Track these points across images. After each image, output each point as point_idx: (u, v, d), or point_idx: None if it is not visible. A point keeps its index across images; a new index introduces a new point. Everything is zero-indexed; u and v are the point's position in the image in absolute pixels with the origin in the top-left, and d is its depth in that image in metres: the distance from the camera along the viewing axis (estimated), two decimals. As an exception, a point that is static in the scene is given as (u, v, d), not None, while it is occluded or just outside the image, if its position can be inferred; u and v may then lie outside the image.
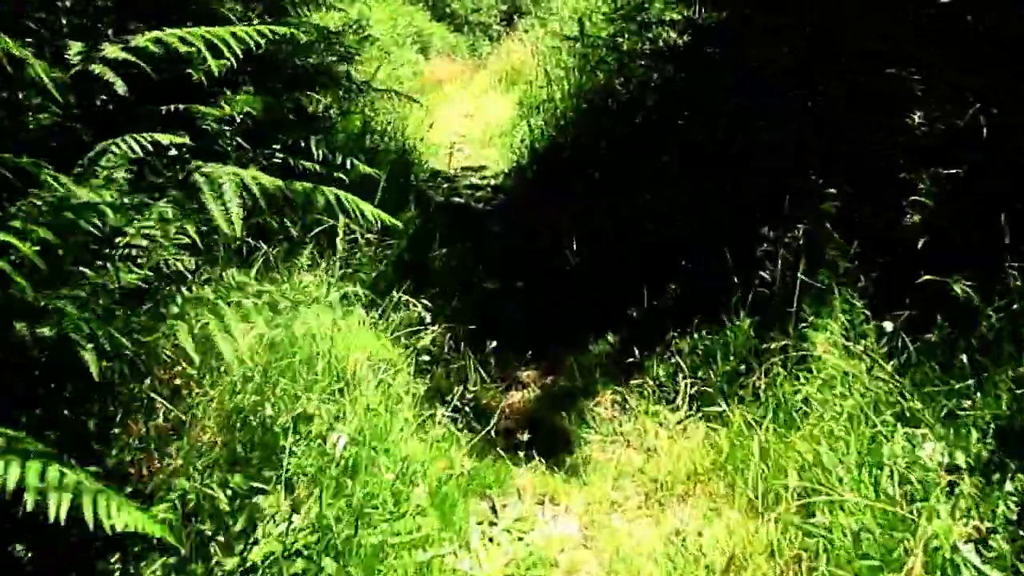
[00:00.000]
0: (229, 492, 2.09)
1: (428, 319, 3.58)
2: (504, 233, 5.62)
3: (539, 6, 22.30)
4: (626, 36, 6.44)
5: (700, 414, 3.20)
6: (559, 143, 6.79)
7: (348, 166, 3.87)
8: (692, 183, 4.44)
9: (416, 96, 12.24)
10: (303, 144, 3.75)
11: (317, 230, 3.59)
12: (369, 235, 4.00)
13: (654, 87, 6.10)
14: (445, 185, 6.70)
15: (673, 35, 6.28)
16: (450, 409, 3.14)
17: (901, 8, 3.86)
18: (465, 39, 24.87)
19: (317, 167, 3.77)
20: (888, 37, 3.73)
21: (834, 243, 3.25)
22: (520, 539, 2.66)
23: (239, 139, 3.51)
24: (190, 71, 2.92)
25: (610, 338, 4.10)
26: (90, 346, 1.77)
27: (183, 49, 2.29)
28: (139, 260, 2.08)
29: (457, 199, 6.59)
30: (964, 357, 2.63)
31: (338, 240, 3.50)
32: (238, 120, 3.44)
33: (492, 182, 7.09)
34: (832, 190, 3.56)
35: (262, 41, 2.42)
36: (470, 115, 11.42)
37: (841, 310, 2.98)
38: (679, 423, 3.20)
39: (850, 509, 2.19)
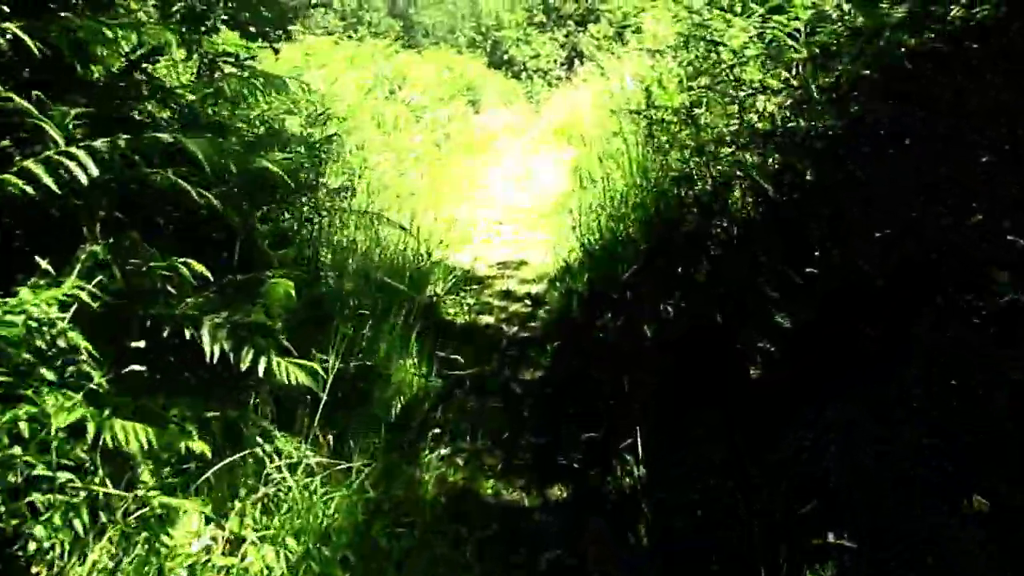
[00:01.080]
0: None
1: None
2: (534, 393, 3.98)
3: (602, 50, 20.90)
4: (706, 106, 4.80)
5: None
6: (618, 243, 5.17)
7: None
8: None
9: (462, 155, 10.86)
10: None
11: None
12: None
13: (746, 179, 4.44)
14: (470, 301, 5.11)
15: (771, 106, 4.65)
16: None
17: None
18: (522, 86, 23.54)
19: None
20: None
21: None
22: None
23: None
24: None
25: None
26: None
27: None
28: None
29: (485, 317, 5.00)
30: None
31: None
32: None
33: (533, 288, 5.48)
34: None
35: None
36: (520, 178, 9.88)
37: None
38: None
39: None
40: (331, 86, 5.81)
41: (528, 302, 5.21)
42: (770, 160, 4.02)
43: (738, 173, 4.61)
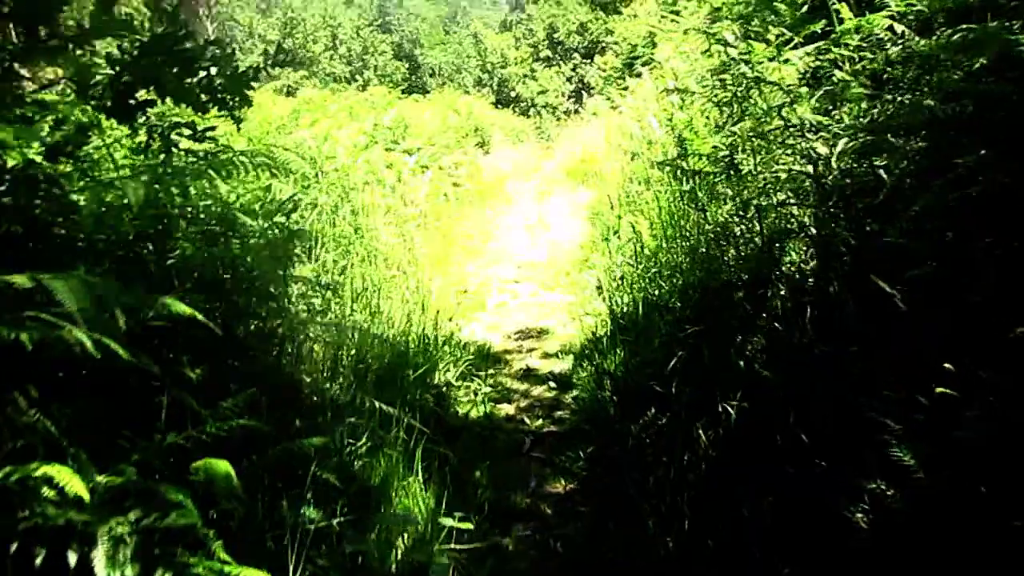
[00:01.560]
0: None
1: None
2: (566, 514, 3.24)
3: (610, 83, 20.34)
4: (752, 152, 4.10)
5: None
6: (651, 309, 4.45)
7: None
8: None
9: (472, 204, 10.22)
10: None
11: None
12: None
13: (806, 239, 3.75)
14: (486, 389, 4.38)
15: (823, 150, 3.97)
16: None
17: None
18: (531, 122, 23.02)
19: None
20: None
21: None
22: None
23: None
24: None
25: None
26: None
27: None
28: None
29: (504, 407, 4.28)
30: None
31: None
32: None
33: (557, 366, 4.75)
34: None
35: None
36: (534, 227, 9.19)
37: None
38: None
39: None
40: (323, 144, 5.20)
41: (552, 384, 4.48)
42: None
43: (794, 229, 3.92)
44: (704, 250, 4.40)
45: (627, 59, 19.11)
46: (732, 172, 4.19)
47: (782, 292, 3.76)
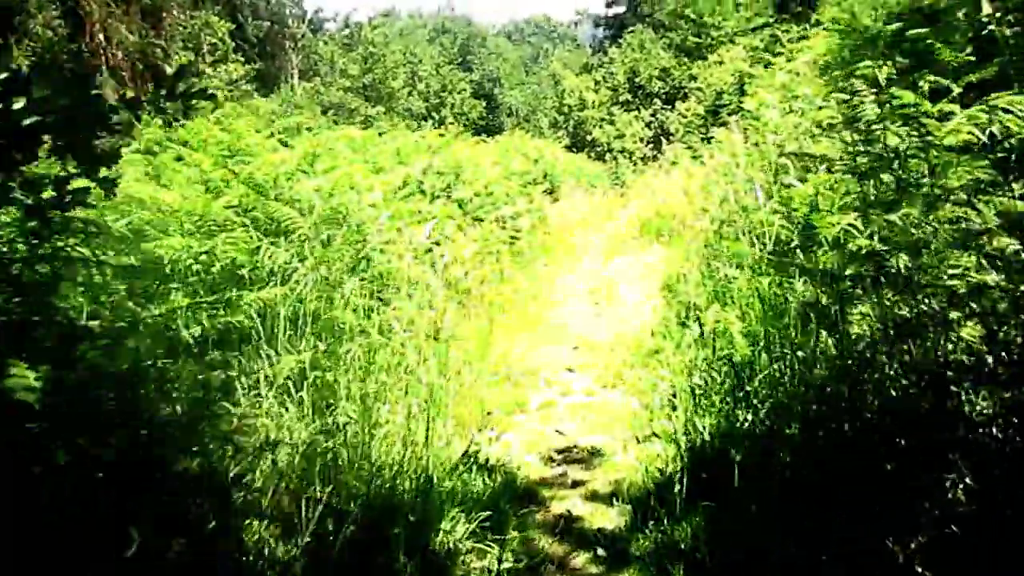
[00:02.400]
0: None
1: None
2: None
3: (692, 131, 18.98)
4: (911, 250, 2.76)
5: None
6: (739, 443, 3.12)
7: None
8: None
9: (530, 260, 9.00)
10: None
11: None
12: None
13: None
14: (507, 557, 3.07)
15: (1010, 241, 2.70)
16: None
17: None
18: (606, 168, 21.77)
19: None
20: None
21: None
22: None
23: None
24: None
25: None
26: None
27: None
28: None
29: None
30: None
31: None
32: None
33: (609, 521, 3.42)
34: None
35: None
36: (598, 291, 7.89)
37: None
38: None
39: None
40: (330, 197, 4.04)
41: (601, 551, 3.15)
42: None
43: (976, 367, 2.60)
44: (829, 381, 3.05)
45: (711, 106, 17.75)
46: (881, 277, 2.84)
47: (958, 459, 2.44)
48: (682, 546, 2.94)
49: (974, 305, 2.61)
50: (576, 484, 3.78)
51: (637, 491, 3.53)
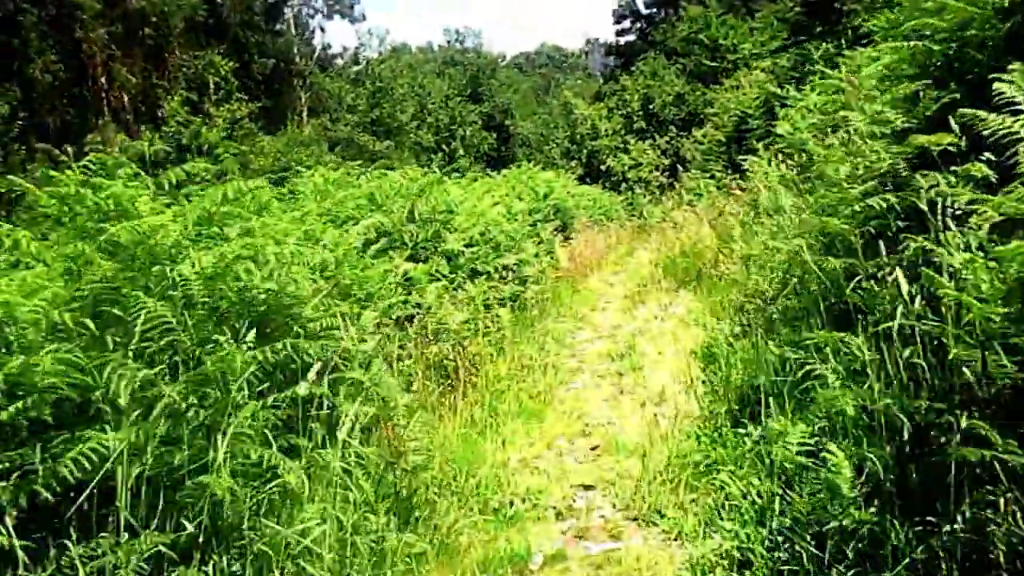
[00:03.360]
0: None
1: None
2: None
3: (712, 159, 17.61)
4: None
5: None
6: None
7: None
8: None
9: (535, 316, 7.60)
10: None
11: None
12: None
13: None
14: None
15: None
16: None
17: None
18: (622, 199, 20.43)
19: None
20: None
21: None
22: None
23: None
24: None
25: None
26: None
27: None
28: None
29: None
30: None
31: None
32: None
33: None
34: None
35: None
36: (618, 355, 6.47)
37: None
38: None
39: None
40: (225, 274, 2.71)
41: None
42: None
43: None
44: None
45: (732, 132, 16.35)
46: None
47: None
48: None
49: None
50: None
51: None
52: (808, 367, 3.09)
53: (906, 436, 2.32)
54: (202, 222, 3.16)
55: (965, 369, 2.06)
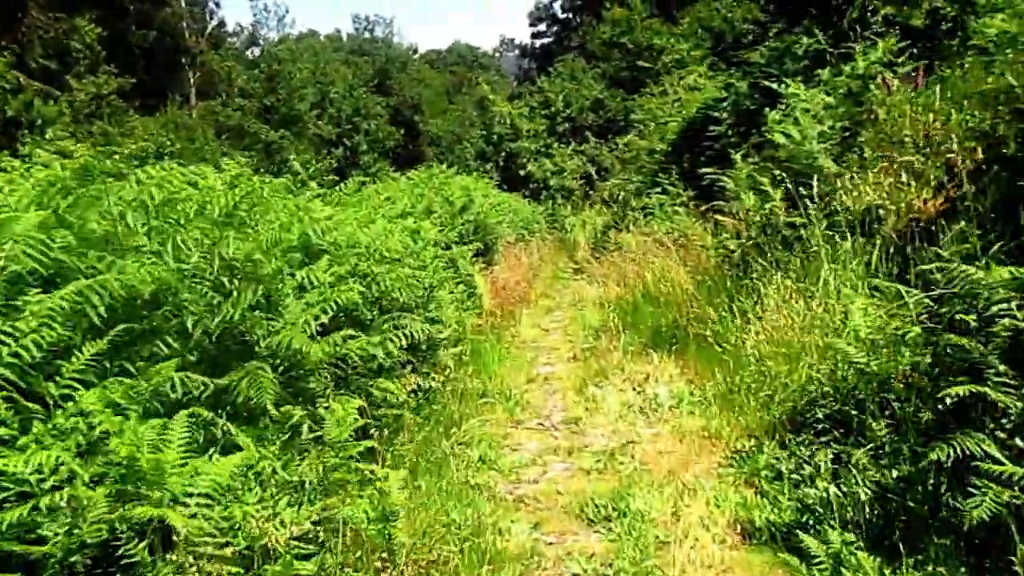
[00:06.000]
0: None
1: None
2: None
3: (652, 166, 15.01)
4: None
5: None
6: None
7: None
8: None
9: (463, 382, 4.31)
10: None
11: None
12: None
13: None
14: None
15: None
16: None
17: None
18: (543, 210, 17.57)
19: None
20: None
21: None
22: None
23: None
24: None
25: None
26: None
27: None
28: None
29: None
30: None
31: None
32: None
33: None
34: None
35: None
36: (590, 482, 3.49)
37: None
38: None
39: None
40: None
41: None
42: None
43: None
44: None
45: (675, 139, 13.66)
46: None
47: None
48: None
49: None
50: None
51: None
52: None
53: None
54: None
55: None
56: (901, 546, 2.59)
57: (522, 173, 17.81)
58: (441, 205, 7.69)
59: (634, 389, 5.27)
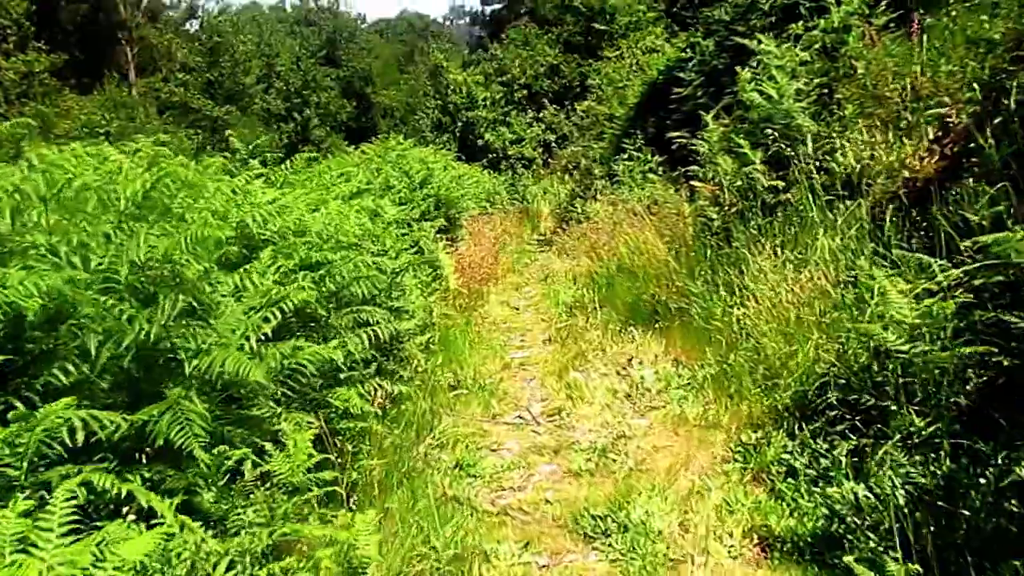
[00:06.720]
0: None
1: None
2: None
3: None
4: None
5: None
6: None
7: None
8: None
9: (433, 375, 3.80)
10: None
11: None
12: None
13: None
14: None
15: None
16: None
17: None
18: (504, 180, 17.01)
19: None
20: None
21: None
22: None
23: None
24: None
25: None
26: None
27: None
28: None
29: None
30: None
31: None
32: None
33: None
34: None
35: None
36: (580, 487, 3.07)
37: None
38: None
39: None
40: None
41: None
42: None
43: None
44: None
45: (639, 99, 13.17)
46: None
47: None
48: None
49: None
50: None
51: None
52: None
53: None
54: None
55: None
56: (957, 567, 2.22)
57: (480, 143, 17.19)
58: (399, 179, 7.12)
59: (618, 373, 4.86)
